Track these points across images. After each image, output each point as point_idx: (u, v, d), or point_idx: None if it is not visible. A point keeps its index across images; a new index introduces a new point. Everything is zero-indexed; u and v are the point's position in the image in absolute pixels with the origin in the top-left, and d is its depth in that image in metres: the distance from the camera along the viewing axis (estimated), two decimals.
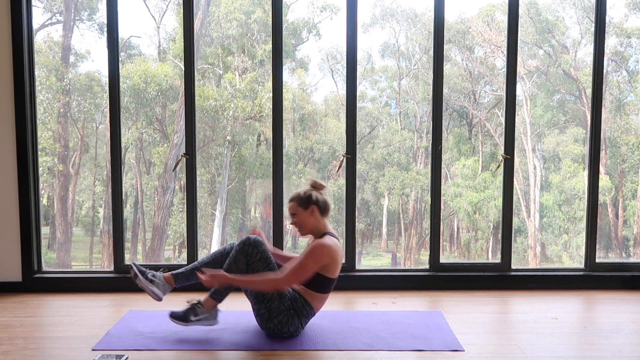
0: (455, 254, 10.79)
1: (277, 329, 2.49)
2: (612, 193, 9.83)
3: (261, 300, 2.46)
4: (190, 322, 2.53)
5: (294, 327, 2.50)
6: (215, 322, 2.59)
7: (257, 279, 2.44)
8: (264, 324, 2.51)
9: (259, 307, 2.48)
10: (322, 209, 2.56)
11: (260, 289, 2.44)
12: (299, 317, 2.50)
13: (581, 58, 10.19)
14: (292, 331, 2.50)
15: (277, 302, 2.45)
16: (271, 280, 2.42)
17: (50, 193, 9.33)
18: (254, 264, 2.47)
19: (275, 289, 2.43)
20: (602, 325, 2.76)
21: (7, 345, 2.46)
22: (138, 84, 8.84)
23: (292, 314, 2.48)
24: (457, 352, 2.39)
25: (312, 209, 2.54)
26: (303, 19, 10.22)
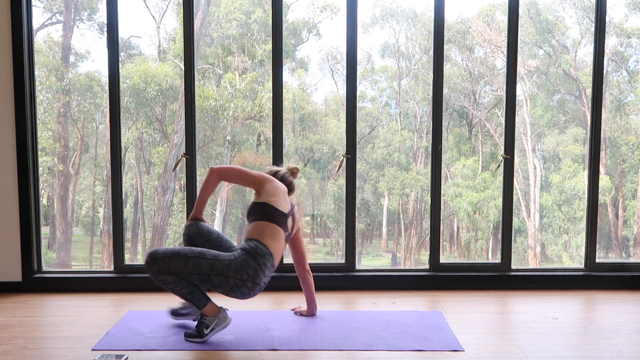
0: (455, 254, 10.79)
1: (239, 282, 2.40)
2: (612, 193, 9.83)
3: (207, 277, 2.39)
4: (206, 335, 2.49)
5: (252, 269, 2.40)
6: (227, 322, 2.57)
7: (204, 182, 2.60)
8: (229, 290, 2.42)
9: (212, 284, 2.40)
10: (282, 181, 2.74)
11: (210, 186, 2.60)
12: (254, 258, 2.42)
13: (581, 58, 10.19)
14: (253, 275, 2.40)
15: (219, 263, 2.39)
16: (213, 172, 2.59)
17: (50, 193, 9.32)
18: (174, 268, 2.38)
19: (219, 177, 2.61)
20: (602, 325, 2.77)
21: (7, 345, 2.46)
22: (138, 84, 8.84)
23: (244, 257, 2.42)
24: (457, 352, 2.39)
25: None
26: (303, 19, 10.22)
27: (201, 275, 2.38)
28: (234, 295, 2.45)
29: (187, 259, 2.37)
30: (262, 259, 2.45)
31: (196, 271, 2.37)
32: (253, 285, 2.43)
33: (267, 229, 2.52)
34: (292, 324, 2.76)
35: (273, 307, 3.11)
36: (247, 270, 2.41)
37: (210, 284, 2.40)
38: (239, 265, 2.40)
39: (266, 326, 2.72)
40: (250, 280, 2.42)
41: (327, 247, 10.60)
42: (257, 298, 3.23)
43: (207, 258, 2.39)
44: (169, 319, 2.81)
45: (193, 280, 2.40)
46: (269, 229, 2.52)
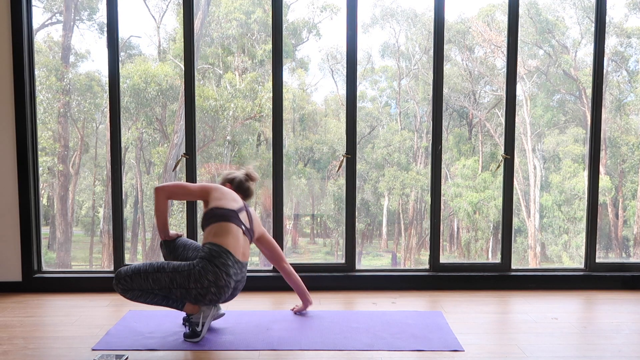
0: (455, 254, 10.79)
1: (200, 291, 2.40)
2: (612, 193, 9.82)
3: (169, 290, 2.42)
4: (201, 332, 2.51)
5: (212, 274, 2.38)
6: (215, 310, 2.59)
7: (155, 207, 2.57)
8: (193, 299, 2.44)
9: (175, 296, 2.44)
10: (235, 187, 2.73)
11: (161, 207, 2.57)
12: (210, 261, 2.40)
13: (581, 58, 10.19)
14: (214, 279, 2.38)
15: (179, 275, 2.40)
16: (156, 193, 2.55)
17: (50, 193, 9.32)
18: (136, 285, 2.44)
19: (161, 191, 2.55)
20: (602, 325, 2.76)
21: (7, 345, 2.46)
22: (138, 84, 8.84)
23: (202, 265, 2.40)
24: (457, 352, 2.39)
25: (226, 186, 2.72)
26: (303, 19, 10.21)
27: (162, 290, 2.41)
28: (202, 303, 2.48)
29: (147, 276, 2.41)
30: (219, 259, 2.41)
31: (157, 286, 2.40)
32: (218, 289, 2.40)
33: (218, 229, 2.48)
34: (292, 324, 2.76)
35: (273, 307, 3.11)
36: (207, 276, 2.38)
37: (174, 296, 2.44)
38: (197, 273, 2.38)
39: (266, 326, 2.72)
40: (214, 286, 2.39)
41: (327, 247, 10.60)
42: (257, 298, 3.23)
43: (166, 271, 2.41)
44: (169, 319, 2.81)
45: (155, 294, 2.46)
46: (220, 227, 2.48)
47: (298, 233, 10.27)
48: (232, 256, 2.45)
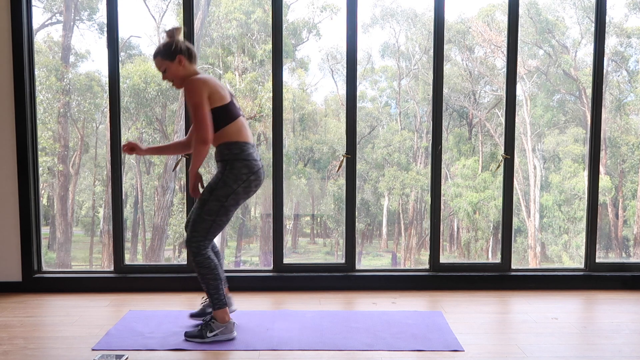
0: (455, 254, 10.79)
1: (245, 186, 2.48)
2: (612, 193, 9.82)
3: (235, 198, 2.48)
4: (208, 338, 2.50)
5: (244, 167, 2.46)
6: (232, 335, 2.54)
7: (193, 160, 2.46)
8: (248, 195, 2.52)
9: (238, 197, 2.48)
10: (189, 55, 2.53)
11: (199, 160, 2.45)
12: (233, 161, 2.46)
13: (581, 58, 10.19)
14: (248, 171, 2.47)
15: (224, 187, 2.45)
16: (195, 146, 2.42)
17: (50, 193, 9.32)
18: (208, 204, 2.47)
19: (205, 145, 2.42)
20: (602, 325, 2.77)
21: (7, 345, 2.46)
22: (138, 84, 8.84)
23: (226, 170, 2.46)
24: (457, 352, 2.39)
25: (179, 59, 2.50)
26: (303, 19, 10.21)
27: (219, 213, 2.46)
28: (252, 192, 2.54)
29: (201, 217, 2.47)
30: (242, 154, 2.49)
31: (215, 214, 2.46)
32: (256, 175, 2.50)
33: (227, 129, 2.49)
34: (292, 324, 2.76)
35: (273, 307, 3.11)
36: (241, 171, 2.47)
37: (233, 209, 2.50)
38: (233, 176, 2.46)
39: (266, 326, 2.72)
40: (252, 174, 2.49)
41: (327, 247, 10.61)
42: (257, 298, 3.24)
43: (208, 199, 2.46)
44: (169, 319, 2.81)
45: (222, 223, 2.50)
46: (229, 127, 2.50)
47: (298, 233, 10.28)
48: (248, 144, 2.53)
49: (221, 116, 2.48)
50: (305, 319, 2.83)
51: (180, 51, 2.49)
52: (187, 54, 2.52)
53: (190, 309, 3.07)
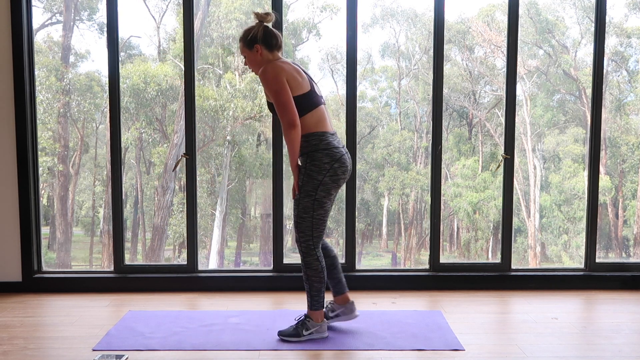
0: (455, 254, 10.79)
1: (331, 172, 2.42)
2: (612, 193, 9.83)
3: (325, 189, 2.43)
4: (304, 336, 2.49)
5: (325, 156, 2.40)
6: (325, 334, 2.54)
7: (289, 148, 2.38)
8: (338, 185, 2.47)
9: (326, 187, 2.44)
10: (267, 44, 2.42)
11: (294, 147, 2.37)
12: (313, 152, 2.40)
13: (581, 58, 10.20)
14: (329, 160, 2.40)
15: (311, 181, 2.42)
16: (285, 134, 2.36)
17: (50, 193, 9.33)
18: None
19: (294, 129, 2.33)
20: (602, 325, 2.77)
21: (7, 345, 2.46)
22: (138, 84, 8.84)
23: (308, 161, 2.41)
24: (457, 351, 2.39)
25: (257, 49, 2.42)
26: (303, 19, 10.22)
27: (316, 207, 2.44)
28: (342, 181, 2.48)
29: (301, 216, 2.45)
30: (320, 144, 2.41)
31: (312, 211, 2.44)
32: (340, 163, 2.42)
33: (306, 120, 2.40)
34: (292, 323, 2.76)
35: (273, 307, 3.11)
36: (322, 161, 2.40)
37: (327, 200, 2.45)
38: (316, 168, 2.41)
39: (266, 326, 2.72)
40: (335, 162, 2.41)
41: None
42: (257, 298, 3.24)
43: (300, 196, 2.44)
44: (169, 319, 2.81)
45: (322, 219, 2.46)
46: (308, 117, 2.41)
47: None
48: (327, 134, 2.43)
49: (302, 105, 2.37)
50: None
51: (257, 40, 2.41)
52: (266, 43, 2.41)
53: (190, 309, 3.07)
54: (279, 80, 2.34)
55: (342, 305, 2.69)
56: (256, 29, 2.42)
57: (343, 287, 2.71)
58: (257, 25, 2.43)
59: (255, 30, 2.42)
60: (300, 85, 2.38)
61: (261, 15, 2.43)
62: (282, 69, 2.36)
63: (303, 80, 2.40)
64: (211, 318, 2.83)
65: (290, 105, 2.33)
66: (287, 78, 2.35)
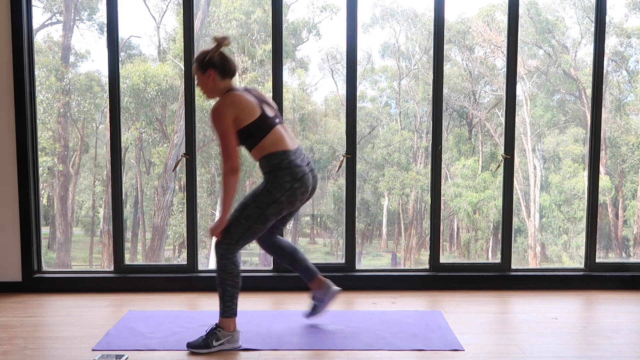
0: (455, 254, 10.79)
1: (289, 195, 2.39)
2: (612, 193, 9.82)
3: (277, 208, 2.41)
4: (214, 347, 2.41)
5: (287, 175, 2.38)
6: (238, 344, 2.46)
7: (224, 193, 2.38)
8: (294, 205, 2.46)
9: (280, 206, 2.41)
10: (221, 71, 2.40)
11: (230, 192, 2.37)
12: (277, 170, 2.38)
13: (581, 58, 10.19)
14: (291, 179, 2.38)
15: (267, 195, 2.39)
16: (224, 177, 2.35)
17: (50, 193, 9.32)
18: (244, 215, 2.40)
19: (235, 175, 2.34)
20: (602, 325, 2.77)
21: (7, 345, 2.46)
22: (138, 84, 8.84)
23: (271, 178, 2.39)
24: (457, 351, 2.39)
25: (210, 73, 2.39)
26: (303, 19, 10.21)
27: (258, 220, 2.39)
28: (301, 202, 2.46)
29: (238, 220, 2.39)
30: (282, 162, 2.39)
31: (252, 221, 2.39)
32: (301, 183, 2.40)
33: (264, 142, 2.40)
34: (292, 323, 2.76)
35: (273, 307, 3.11)
36: (284, 179, 2.38)
37: (273, 218, 2.42)
38: (276, 185, 2.38)
39: (266, 326, 2.72)
40: (296, 182, 2.39)
41: (327, 247, 10.61)
42: (257, 298, 3.24)
43: (249, 204, 2.40)
44: (169, 319, 2.81)
45: (259, 231, 2.42)
46: (265, 140, 2.40)
47: (298, 233, 10.28)
48: (288, 152, 2.41)
49: (255, 132, 2.38)
50: (305, 319, 2.82)
51: (212, 65, 2.38)
52: (220, 69, 2.39)
53: (190, 309, 3.07)
54: (225, 122, 2.33)
55: (320, 289, 2.68)
56: (212, 53, 2.39)
57: (312, 272, 2.69)
58: (214, 49, 2.41)
59: (211, 54, 2.39)
60: (251, 113, 2.37)
61: (219, 39, 2.39)
62: (231, 105, 2.35)
63: (253, 108, 2.38)
64: (211, 318, 2.83)
65: (232, 150, 2.34)
66: (236, 114, 2.34)
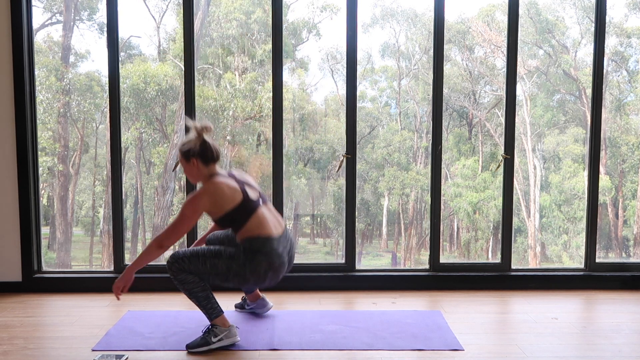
0: (455, 254, 10.79)
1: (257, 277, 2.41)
2: (612, 193, 9.83)
3: (226, 277, 2.40)
4: (214, 344, 2.42)
5: (265, 262, 2.39)
6: (236, 338, 2.48)
7: (142, 257, 2.43)
8: (251, 286, 2.53)
9: (234, 283, 2.43)
10: (203, 159, 2.45)
11: (146, 260, 2.42)
12: (256, 253, 2.38)
13: (581, 58, 10.19)
14: (267, 267, 2.39)
15: (234, 263, 2.39)
16: (154, 241, 2.39)
17: (50, 193, 9.32)
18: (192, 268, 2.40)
19: (160, 250, 2.39)
20: (602, 325, 2.77)
21: (7, 345, 2.46)
22: (138, 84, 8.84)
23: (250, 257, 2.38)
24: (457, 351, 2.39)
25: (193, 162, 2.45)
26: (303, 19, 10.21)
27: (218, 276, 2.40)
28: (266, 285, 2.47)
29: (205, 260, 2.39)
30: (264, 249, 2.39)
31: (214, 271, 2.39)
32: (275, 272, 2.42)
33: (247, 227, 2.41)
34: (292, 324, 2.76)
35: (273, 307, 3.11)
36: (260, 265, 2.38)
37: (230, 283, 2.43)
38: (251, 266, 2.38)
39: (266, 326, 2.72)
40: (270, 270, 2.40)
41: (327, 247, 10.60)
42: None
43: (223, 258, 2.39)
44: (169, 319, 2.81)
45: (213, 281, 2.42)
46: (248, 224, 2.41)
47: (298, 233, 10.28)
48: (271, 239, 2.42)
49: (237, 217, 2.40)
50: (305, 319, 2.83)
51: (193, 154, 2.44)
52: (202, 157, 2.44)
53: (189, 309, 3.07)
54: (193, 210, 2.36)
55: (253, 302, 2.82)
56: (194, 143, 2.45)
57: None
58: (195, 139, 2.45)
59: (193, 144, 2.45)
60: (231, 199, 2.39)
61: (199, 129, 2.45)
62: (211, 195, 2.38)
63: (233, 194, 2.40)
64: None
65: (177, 234, 2.38)
66: (215, 201, 2.37)
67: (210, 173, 2.47)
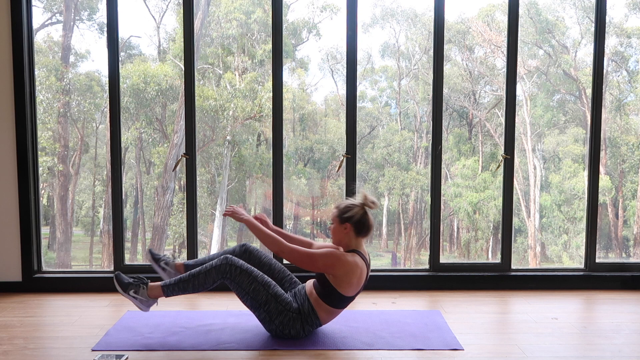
0: (455, 254, 10.80)
1: (279, 330, 2.48)
2: (612, 193, 9.83)
3: (257, 306, 2.46)
4: (127, 294, 2.48)
5: (295, 330, 2.48)
6: (146, 309, 2.53)
7: (270, 238, 2.46)
8: (267, 326, 2.52)
9: (258, 313, 2.49)
10: (357, 229, 2.50)
11: (269, 242, 2.46)
12: (302, 323, 2.48)
13: (581, 58, 10.20)
14: (293, 334, 2.48)
15: (274, 304, 2.44)
16: (279, 243, 2.45)
17: (50, 193, 9.33)
18: (237, 278, 2.44)
19: (281, 251, 2.45)
20: (602, 325, 2.76)
21: (7, 345, 2.46)
22: (138, 83, 8.84)
23: (294, 317, 2.46)
24: (457, 351, 2.39)
25: (346, 226, 2.49)
26: (303, 19, 10.22)
27: (253, 301, 2.46)
28: (267, 329, 2.55)
29: (252, 280, 2.44)
30: (310, 327, 2.51)
31: (252, 295, 2.44)
32: (292, 337, 2.51)
33: (325, 306, 2.50)
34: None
35: None
36: (291, 329, 2.48)
37: (257, 312, 2.49)
38: (287, 320, 2.46)
39: None
40: (288, 335, 2.50)
41: None
42: None
43: (268, 292, 2.45)
44: (168, 319, 2.81)
45: (240, 295, 2.47)
46: (328, 306, 2.50)
47: (298, 233, 10.28)
48: (320, 322, 2.53)
49: (337, 300, 2.48)
50: None
51: (350, 221, 2.48)
52: (357, 228, 2.49)
53: (189, 308, 3.07)
54: (331, 266, 2.42)
55: (172, 270, 2.74)
56: (356, 211, 2.49)
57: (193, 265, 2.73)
58: (359, 208, 2.50)
59: (355, 212, 2.49)
60: (355, 285, 2.47)
61: (368, 201, 2.50)
62: (353, 271, 2.43)
63: (359, 284, 2.50)
64: (211, 318, 2.84)
65: (303, 262, 2.44)
66: (346, 274, 2.43)
67: (356, 245, 2.52)
